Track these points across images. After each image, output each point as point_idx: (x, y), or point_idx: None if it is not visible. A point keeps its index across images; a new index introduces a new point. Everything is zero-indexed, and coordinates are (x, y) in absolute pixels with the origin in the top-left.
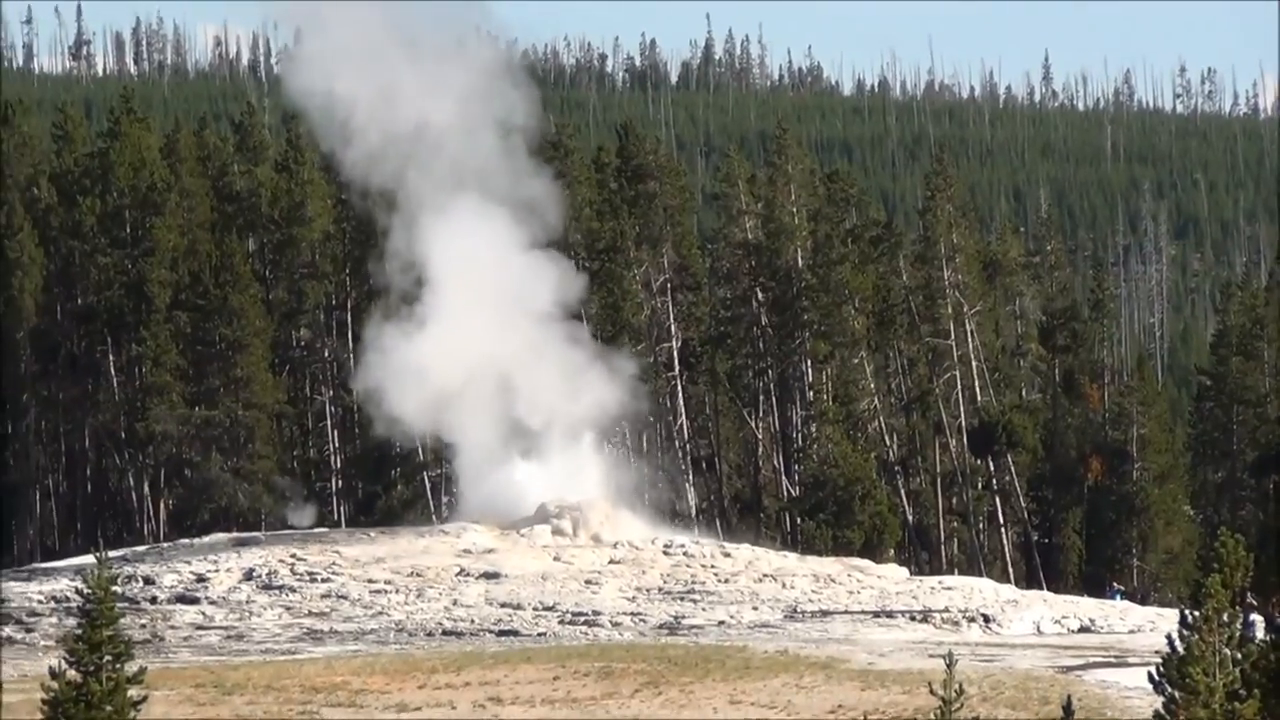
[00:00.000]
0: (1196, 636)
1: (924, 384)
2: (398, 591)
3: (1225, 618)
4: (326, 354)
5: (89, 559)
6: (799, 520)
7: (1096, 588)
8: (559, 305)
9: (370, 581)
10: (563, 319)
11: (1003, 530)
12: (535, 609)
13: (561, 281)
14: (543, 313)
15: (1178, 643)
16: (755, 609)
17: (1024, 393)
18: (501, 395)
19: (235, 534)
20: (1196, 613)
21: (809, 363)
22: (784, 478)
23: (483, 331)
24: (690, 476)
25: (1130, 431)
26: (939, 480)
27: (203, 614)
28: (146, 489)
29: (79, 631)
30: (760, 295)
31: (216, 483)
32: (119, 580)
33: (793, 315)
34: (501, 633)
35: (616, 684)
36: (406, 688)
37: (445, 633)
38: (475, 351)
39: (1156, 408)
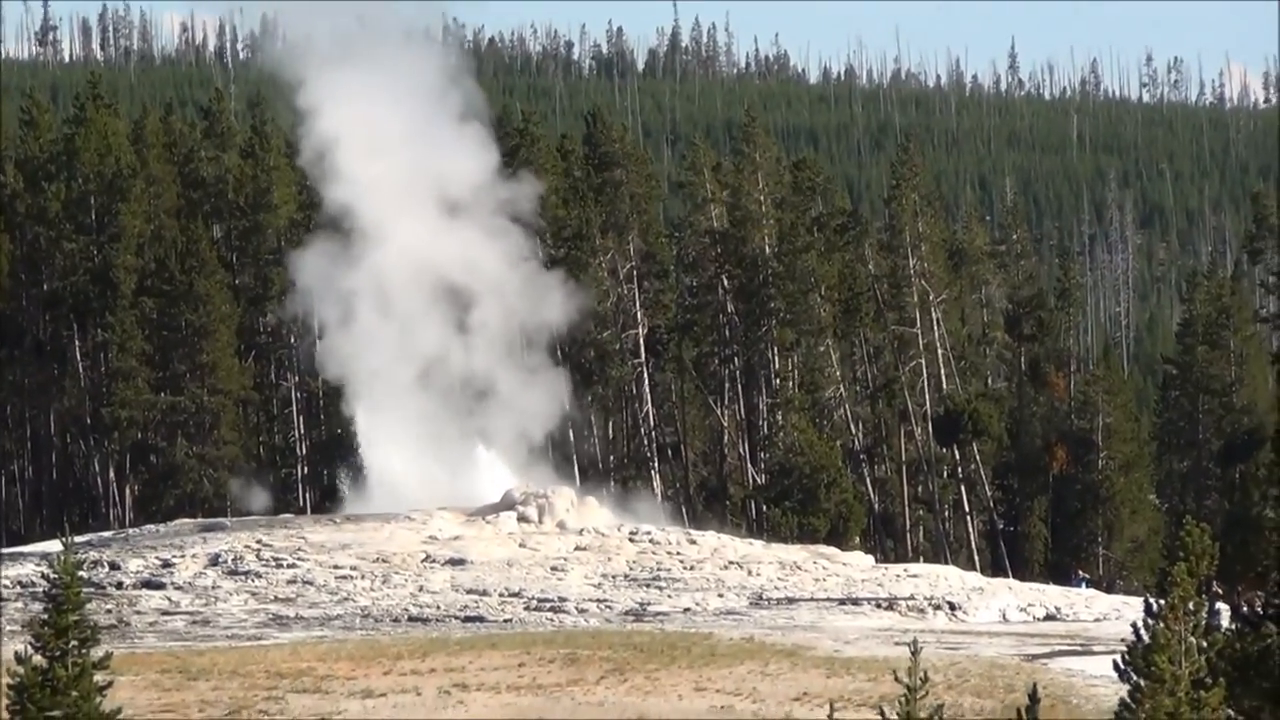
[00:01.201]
0: (1162, 625)
1: (890, 372)
2: (363, 577)
3: (1191, 606)
4: (292, 340)
5: (55, 544)
6: (764, 508)
7: (1062, 576)
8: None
9: (336, 567)
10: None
11: (968, 518)
12: (501, 595)
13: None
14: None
15: (1143, 631)
16: (721, 596)
17: (989, 381)
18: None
19: (201, 520)
20: (1162, 601)
21: (775, 350)
22: (750, 465)
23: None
24: (656, 464)
25: (1096, 420)
26: (904, 468)
27: (168, 599)
28: (112, 474)
29: (45, 617)
30: (726, 283)
31: (182, 468)
32: (85, 566)
33: (759, 303)
34: (467, 619)
35: (582, 670)
36: (372, 673)
37: (411, 619)
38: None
39: (1122, 396)
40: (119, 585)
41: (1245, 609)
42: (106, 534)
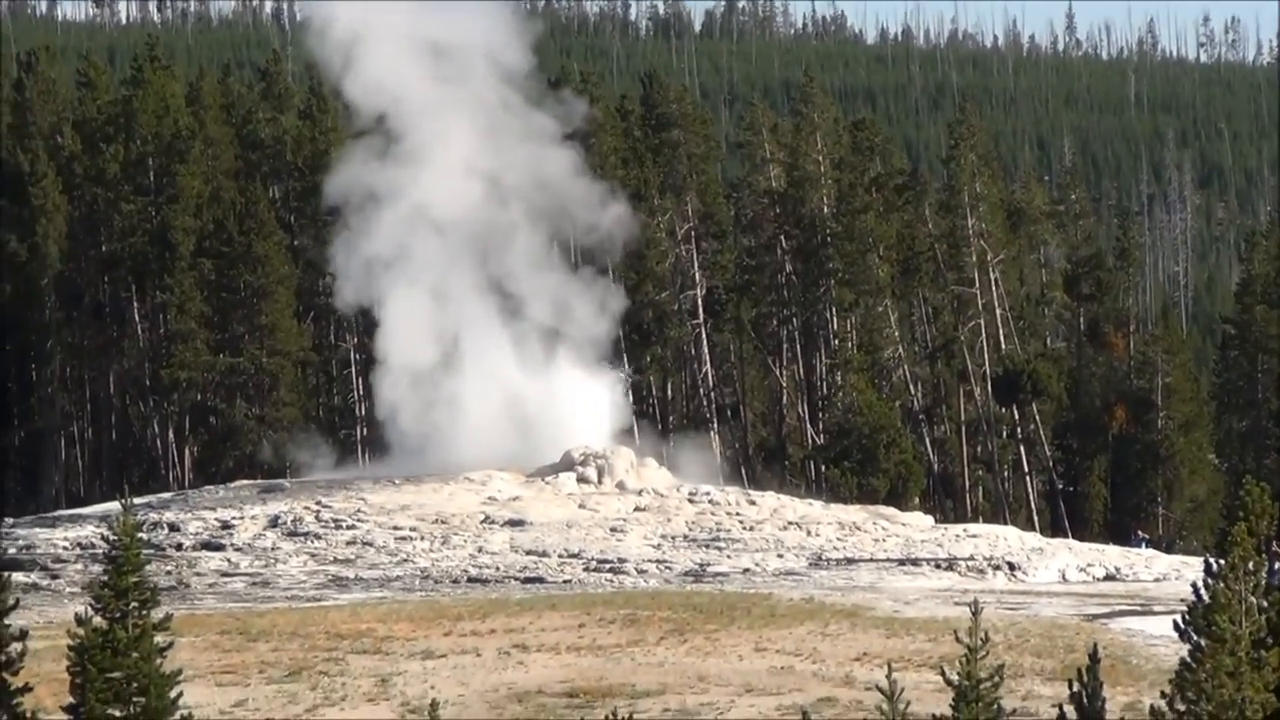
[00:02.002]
0: (1222, 584)
1: (949, 332)
2: (423, 539)
3: (1251, 566)
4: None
5: (114, 506)
6: (824, 468)
7: (1122, 536)
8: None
9: (395, 529)
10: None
11: (1027, 478)
12: (560, 556)
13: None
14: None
15: (1203, 591)
16: (780, 556)
17: (1049, 341)
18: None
19: (260, 481)
20: (1222, 561)
21: (833, 311)
22: (809, 426)
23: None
24: (715, 424)
25: (1155, 380)
26: (964, 428)
27: (228, 561)
28: (171, 436)
29: (105, 578)
30: (785, 243)
31: (241, 430)
32: (144, 527)
33: (817, 263)
34: (527, 580)
35: (642, 631)
36: (432, 634)
37: (470, 580)
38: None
39: (1181, 356)
40: (179, 547)
41: None
42: (166, 495)
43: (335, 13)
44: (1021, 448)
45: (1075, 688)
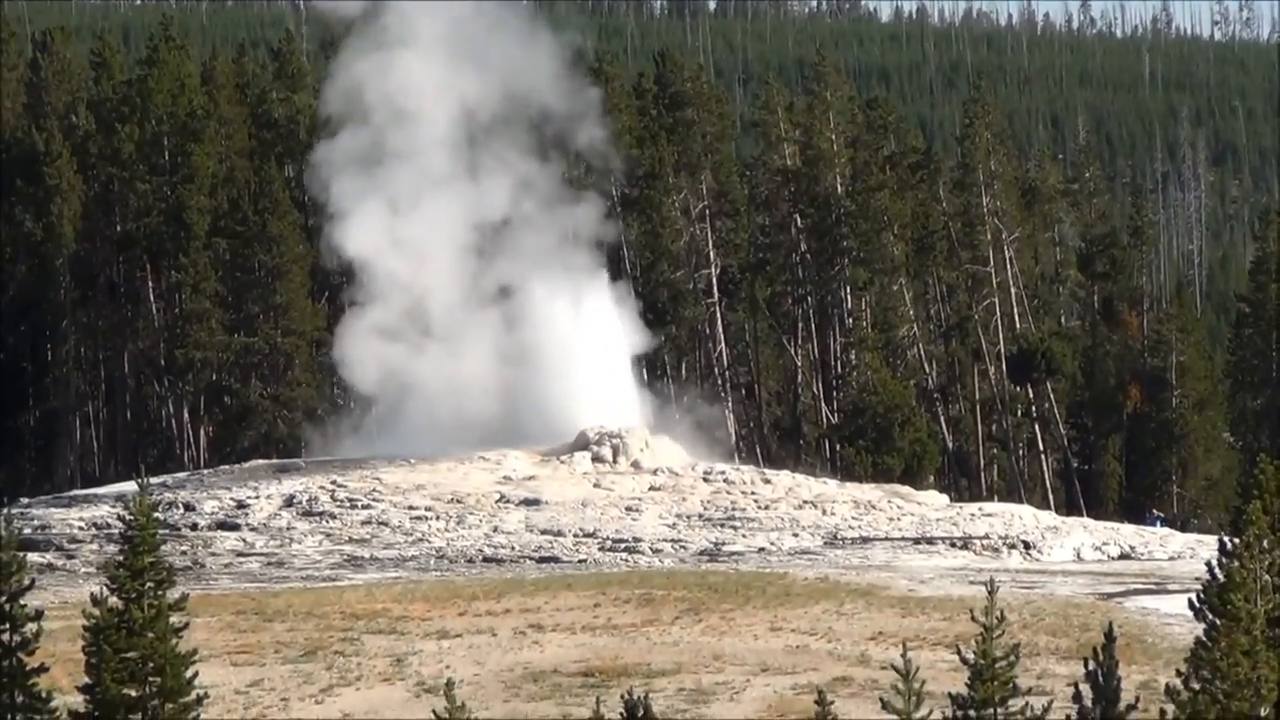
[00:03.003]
0: (1237, 563)
1: (963, 311)
2: (438, 518)
3: (1266, 544)
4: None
5: (129, 486)
6: (839, 447)
7: (1136, 514)
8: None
9: (411, 508)
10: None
11: (1042, 457)
12: (576, 536)
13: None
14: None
15: (1218, 569)
16: (795, 536)
17: (1063, 319)
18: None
19: (275, 461)
20: (1237, 539)
21: (848, 289)
22: (823, 404)
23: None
24: (730, 403)
25: (1169, 358)
26: (978, 407)
27: (243, 541)
28: (186, 416)
29: (121, 558)
30: (799, 222)
31: (256, 409)
32: (160, 507)
33: (832, 242)
34: (542, 559)
35: (657, 610)
36: (447, 614)
37: (486, 559)
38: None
39: (1195, 334)
40: (194, 527)
41: None
42: (181, 475)
43: None
44: (1036, 426)
45: (1090, 666)
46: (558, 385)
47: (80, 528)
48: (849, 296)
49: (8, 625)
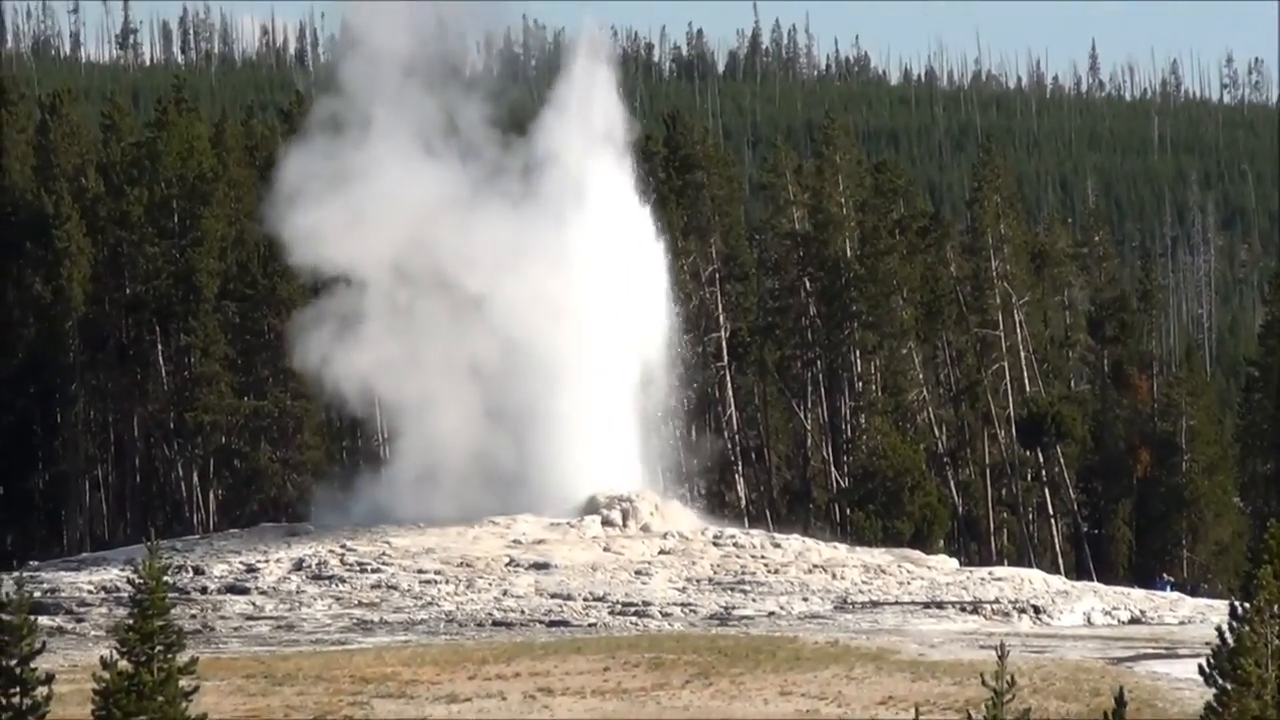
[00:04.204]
0: (1247, 628)
1: (972, 375)
2: (447, 582)
3: (1276, 609)
4: None
5: (139, 549)
6: (848, 511)
7: (1146, 579)
8: None
9: (420, 572)
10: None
11: (1052, 521)
12: (585, 600)
13: None
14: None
15: (1228, 634)
16: (805, 600)
17: (1072, 384)
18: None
19: (285, 524)
20: (1247, 604)
21: (857, 353)
22: (833, 468)
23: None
24: (739, 467)
25: (1179, 423)
26: (988, 471)
27: (253, 604)
28: (196, 479)
29: (130, 621)
30: (808, 285)
31: (265, 473)
32: (169, 570)
33: (841, 306)
34: (552, 623)
35: (667, 675)
36: (457, 678)
37: (495, 623)
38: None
39: (1205, 399)
40: (203, 590)
41: None
42: (191, 539)
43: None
44: (1046, 490)
45: None
46: (567, 448)
47: (90, 591)
48: (858, 360)
49: (18, 689)
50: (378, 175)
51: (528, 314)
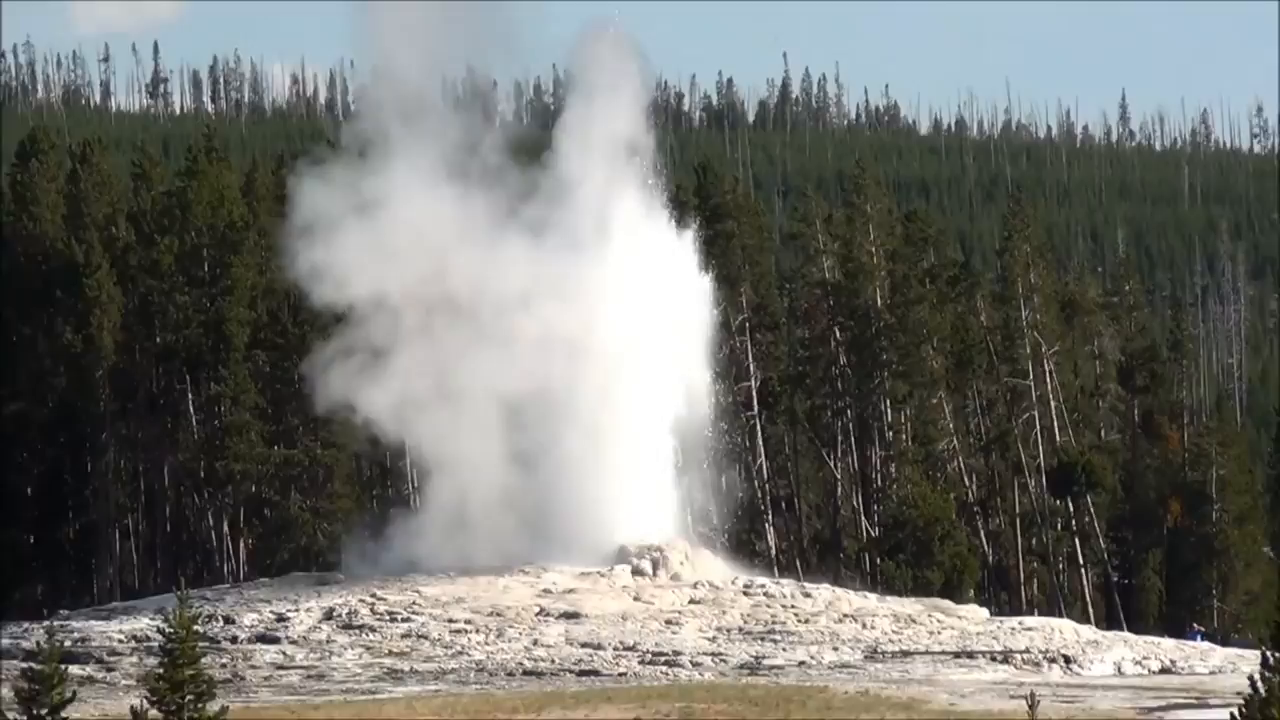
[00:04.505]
0: (1278, 677)
1: (1003, 424)
2: (478, 631)
3: None
4: None
5: (169, 598)
6: (879, 560)
7: (1177, 629)
8: None
9: (450, 621)
10: None
11: (1083, 571)
12: (616, 649)
13: None
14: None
15: (1259, 684)
16: (836, 649)
17: (1103, 433)
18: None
19: (315, 573)
20: (1278, 654)
21: (888, 403)
22: (863, 518)
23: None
24: (770, 517)
25: (1210, 472)
26: (1018, 521)
27: (283, 653)
28: (226, 528)
29: (161, 670)
30: (838, 335)
31: (296, 522)
32: (199, 619)
33: (871, 355)
34: (582, 672)
35: None
36: None
37: (526, 672)
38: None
39: (1236, 449)
40: (234, 639)
41: None
42: (221, 588)
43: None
44: (1076, 540)
45: None
46: (597, 496)
47: (120, 640)
48: (889, 410)
49: None
50: (398, 204)
51: (555, 355)
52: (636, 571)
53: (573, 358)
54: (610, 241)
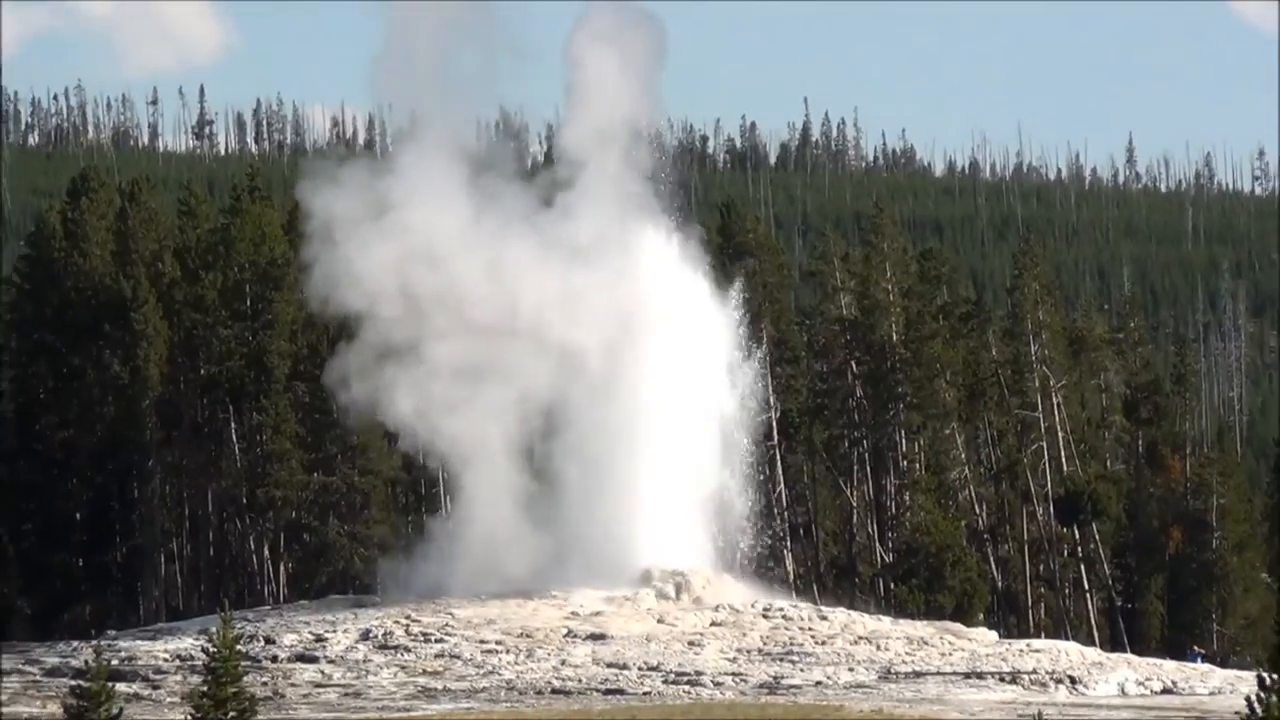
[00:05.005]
0: (1275, 698)
1: (1012, 454)
2: (508, 652)
3: None
4: None
5: (213, 619)
6: (892, 585)
7: (1178, 651)
8: None
9: (482, 642)
10: None
11: (1088, 596)
12: (640, 669)
13: None
14: None
15: (1257, 704)
16: (851, 670)
17: (1108, 463)
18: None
19: (352, 596)
20: (1275, 675)
21: (902, 433)
22: (878, 544)
23: None
24: (789, 543)
25: (1210, 501)
26: (1026, 547)
27: (321, 672)
28: (267, 552)
29: (204, 688)
30: (855, 368)
31: (334, 546)
32: (241, 640)
33: (887, 388)
34: (608, 691)
35: None
36: None
37: (554, 691)
38: None
39: (1236, 478)
40: (274, 659)
41: None
42: (262, 609)
43: None
44: (1082, 566)
45: None
46: (624, 523)
47: (165, 659)
48: (903, 440)
49: None
50: (414, 208)
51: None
52: (660, 595)
53: (597, 387)
54: (638, 264)
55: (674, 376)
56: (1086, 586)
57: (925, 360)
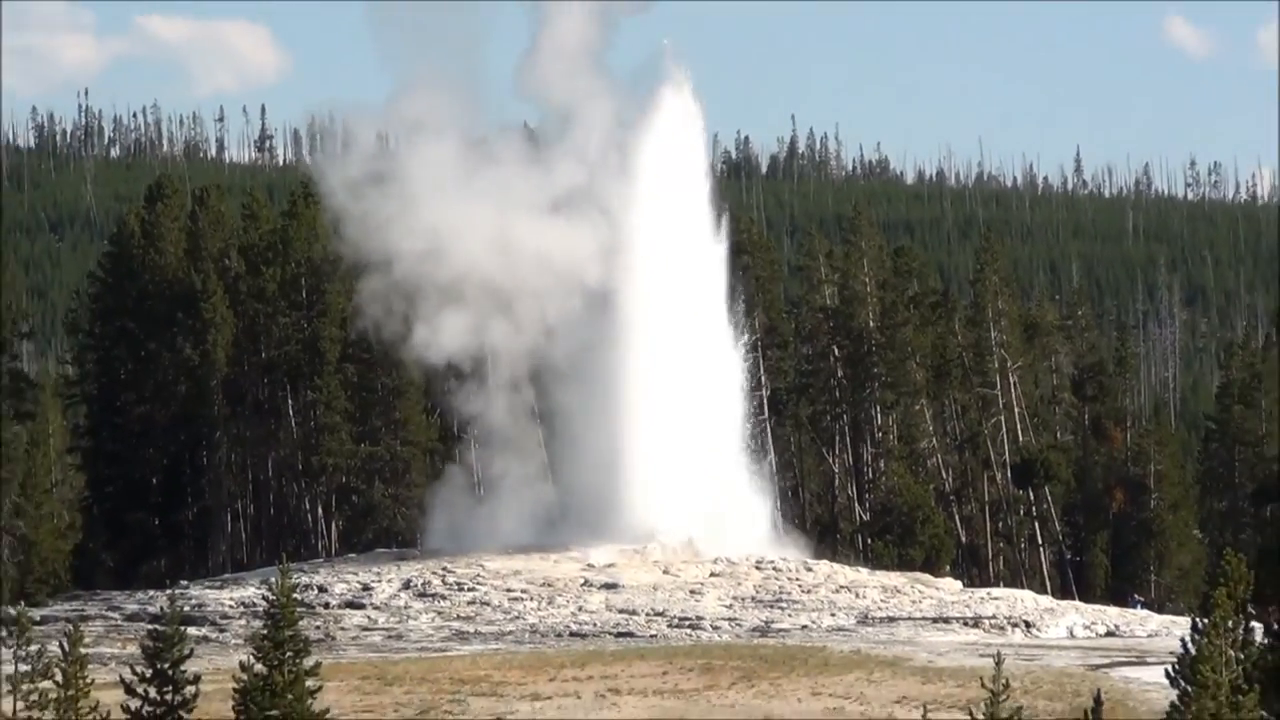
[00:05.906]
0: (1205, 640)
1: (974, 427)
2: (532, 599)
3: (1230, 624)
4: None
5: (272, 570)
6: (869, 540)
7: (1121, 599)
8: None
9: (509, 591)
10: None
11: (1041, 550)
12: (648, 614)
13: None
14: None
15: (1190, 645)
16: (833, 615)
17: (1059, 434)
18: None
19: (395, 550)
20: (1205, 620)
21: (878, 409)
22: (857, 505)
23: None
24: (778, 504)
25: (1149, 467)
26: (987, 508)
27: (368, 618)
28: (320, 512)
29: (265, 631)
30: (837, 352)
31: (379, 507)
32: (298, 589)
33: (864, 369)
34: (619, 634)
35: (716, 678)
36: (539, 680)
37: (572, 634)
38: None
39: (1170, 447)
40: (326, 605)
41: (1276, 626)
42: (316, 562)
43: None
44: (1036, 524)
45: None
46: (637, 486)
47: (231, 606)
48: (878, 414)
49: (171, 687)
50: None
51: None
52: (666, 549)
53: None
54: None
55: (683, 344)
56: (1040, 541)
57: (898, 344)
